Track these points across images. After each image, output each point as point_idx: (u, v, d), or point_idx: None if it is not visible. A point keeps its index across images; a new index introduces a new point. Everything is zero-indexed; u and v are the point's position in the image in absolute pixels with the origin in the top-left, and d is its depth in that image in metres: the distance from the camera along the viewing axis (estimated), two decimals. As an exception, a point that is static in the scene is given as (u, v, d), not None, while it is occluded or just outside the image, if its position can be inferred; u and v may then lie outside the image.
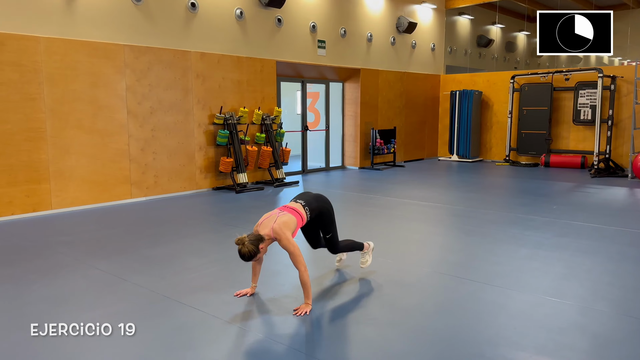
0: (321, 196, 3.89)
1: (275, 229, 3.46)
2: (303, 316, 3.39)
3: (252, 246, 3.37)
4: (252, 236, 3.42)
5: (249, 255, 3.37)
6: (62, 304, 3.66)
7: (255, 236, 3.43)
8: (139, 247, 5.12)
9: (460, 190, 8.65)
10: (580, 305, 3.60)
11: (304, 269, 3.42)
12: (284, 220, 3.52)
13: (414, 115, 13.03)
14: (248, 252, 3.36)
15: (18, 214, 6.45)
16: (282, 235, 3.43)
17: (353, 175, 10.58)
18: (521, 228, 5.83)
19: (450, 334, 3.17)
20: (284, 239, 3.43)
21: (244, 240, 3.38)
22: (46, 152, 6.64)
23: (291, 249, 3.42)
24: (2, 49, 6.16)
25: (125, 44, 7.30)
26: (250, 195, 8.11)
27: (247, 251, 3.36)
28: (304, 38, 9.96)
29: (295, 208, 3.68)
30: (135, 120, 7.51)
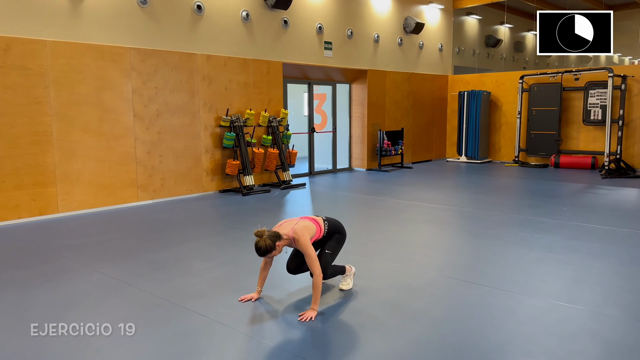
0: (339, 222, 3.91)
1: (295, 230, 3.50)
2: (308, 322, 3.33)
3: (270, 241, 3.38)
4: (271, 232, 3.44)
5: (265, 249, 3.37)
6: (65, 308, 3.63)
7: (275, 232, 3.45)
8: (144, 250, 5.09)
9: (468, 191, 8.56)
10: (591, 310, 3.51)
11: (319, 272, 3.44)
12: (305, 224, 3.60)
13: (421, 116, 12.94)
14: (265, 247, 3.37)
15: (25, 217, 6.45)
16: (302, 237, 3.47)
17: (360, 177, 10.52)
18: (531, 230, 5.74)
19: (458, 340, 3.11)
20: (303, 241, 3.47)
21: (263, 233, 3.40)
22: (52, 156, 6.64)
23: (309, 251, 3.46)
24: (8, 53, 6.17)
25: (131, 47, 7.29)
26: (256, 198, 8.08)
27: (263, 245, 3.37)
28: (311, 39, 9.92)
29: (316, 219, 3.74)
30: (141, 123, 7.50)
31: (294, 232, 3.50)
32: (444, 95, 13.63)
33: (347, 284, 3.92)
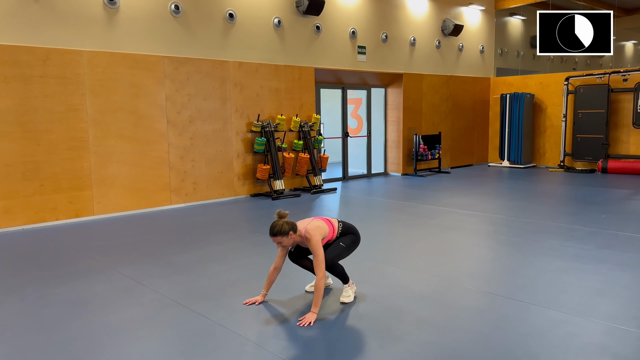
0: (356, 228, 3.88)
1: (308, 229, 3.53)
2: (306, 327, 3.32)
3: (287, 226, 3.44)
4: (291, 221, 3.51)
5: (278, 230, 3.43)
6: (79, 307, 3.77)
7: (294, 223, 3.52)
8: (167, 253, 5.22)
9: (504, 197, 8.28)
10: (607, 323, 3.31)
11: (323, 275, 3.44)
12: (317, 224, 3.61)
13: (461, 120, 12.65)
14: (279, 228, 3.43)
15: (62, 219, 6.77)
16: (313, 237, 3.48)
17: (394, 182, 10.39)
18: (561, 239, 5.48)
19: (454, 350, 3.00)
20: (314, 241, 3.47)
21: (284, 216, 3.49)
22: (88, 161, 6.94)
23: (318, 252, 3.46)
24: (48, 63, 6.51)
25: (164, 56, 7.53)
26: (286, 202, 8.13)
27: (279, 225, 3.43)
28: (344, 44, 9.91)
29: (330, 220, 3.74)
30: (174, 129, 7.72)
31: (306, 231, 3.52)
32: (485, 98, 13.27)
33: (348, 296, 3.78)
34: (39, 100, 6.46)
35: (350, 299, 3.77)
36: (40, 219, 6.59)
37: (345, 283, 3.80)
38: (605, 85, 10.94)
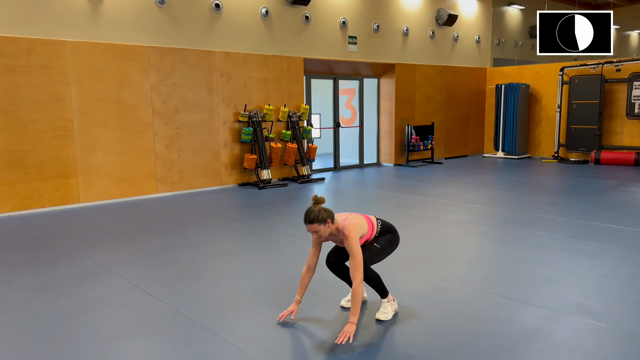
0: (394, 227, 3.44)
1: (346, 225, 3.11)
2: (346, 343, 2.89)
3: (325, 214, 3.05)
4: (328, 208, 3.12)
5: (315, 217, 3.03)
6: (42, 291, 3.90)
7: (330, 211, 3.12)
8: (141, 239, 5.34)
9: (488, 188, 8.30)
10: (547, 310, 3.36)
11: (361, 279, 3.00)
12: (356, 221, 3.19)
13: (456, 111, 12.63)
14: (316, 214, 3.03)
15: (48, 206, 6.92)
16: (351, 235, 3.06)
17: (385, 172, 10.43)
18: (531, 228, 5.52)
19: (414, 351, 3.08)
20: (352, 239, 3.05)
21: (321, 201, 3.11)
22: (73, 149, 7.07)
23: (355, 251, 3.04)
24: (32, 53, 6.63)
25: (149, 46, 7.62)
26: (272, 191, 8.22)
27: (316, 211, 3.04)
28: (334, 35, 9.93)
29: (369, 217, 3.33)
30: (160, 119, 7.82)
31: (344, 227, 3.10)
32: (481, 89, 13.22)
33: (387, 312, 3.30)
34: (23, 90, 6.60)
35: (387, 317, 3.28)
36: (26, 206, 6.75)
37: (383, 297, 3.32)
38: (599, 76, 10.86)
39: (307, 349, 2.97)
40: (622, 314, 3.30)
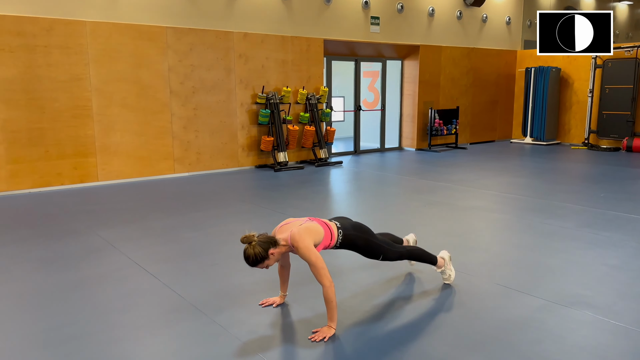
0: (361, 225, 3.19)
1: (293, 234, 2.84)
2: (319, 342, 2.78)
3: (260, 248, 2.77)
4: (263, 237, 2.83)
5: (254, 259, 2.77)
6: (46, 265, 4.01)
7: (268, 238, 2.84)
8: (149, 218, 5.43)
9: (509, 174, 8.07)
10: (544, 300, 3.25)
11: (329, 283, 2.80)
12: (308, 226, 2.92)
13: (483, 94, 12.30)
14: (253, 255, 2.76)
15: (67, 184, 7.10)
16: (301, 243, 2.80)
17: (406, 156, 10.28)
18: (544, 216, 5.34)
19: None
20: (302, 247, 2.79)
21: (251, 239, 2.79)
22: (92, 129, 7.21)
23: (312, 259, 2.78)
24: (51, 33, 6.75)
25: (167, 26, 7.66)
26: (288, 174, 8.22)
27: (252, 253, 2.76)
28: (356, 15, 9.76)
29: (327, 223, 3.05)
30: (177, 100, 7.89)
31: (292, 237, 2.84)
32: (511, 72, 12.81)
33: (448, 276, 3.50)
34: (43, 70, 6.74)
35: (451, 279, 3.51)
36: (46, 183, 6.94)
37: (434, 264, 3.44)
38: (633, 60, 10.36)
39: (295, 333, 2.96)
40: (621, 307, 3.17)
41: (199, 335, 2.87)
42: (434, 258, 3.45)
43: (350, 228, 3.11)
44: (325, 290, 2.81)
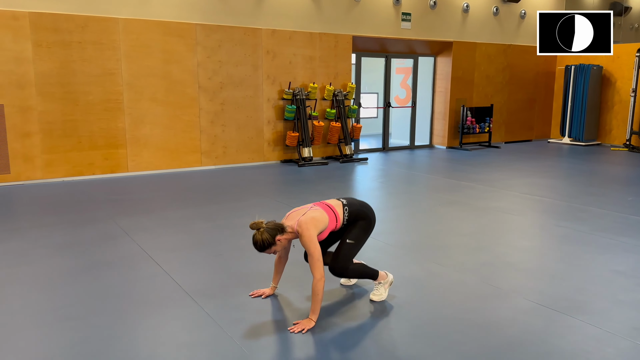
0: (367, 204, 3.28)
1: (300, 222, 2.96)
2: (297, 333, 2.84)
3: (268, 235, 2.91)
4: (271, 224, 2.98)
5: (262, 244, 2.92)
6: (62, 249, 4.25)
7: (275, 225, 2.98)
8: (167, 209, 5.63)
9: (538, 175, 7.86)
10: (530, 301, 3.20)
11: (320, 277, 2.88)
12: (313, 215, 3.01)
13: (520, 92, 11.98)
14: (261, 241, 2.91)
15: (98, 174, 7.44)
16: (306, 232, 2.93)
17: (435, 154, 10.17)
18: (560, 218, 5.21)
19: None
20: (307, 237, 2.93)
21: (260, 225, 2.94)
22: (123, 121, 7.52)
23: (312, 249, 2.92)
24: (86, 30, 7.07)
25: (197, 23, 7.87)
26: (311, 169, 8.30)
27: (260, 239, 2.90)
28: (386, 11, 9.71)
29: (331, 205, 3.13)
30: (205, 95, 8.10)
31: (299, 224, 2.97)
32: (550, 70, 12.42)
33: (380, 294, 3.27)
34: (77, 64, 7.08)
35: (381, 297, 3.26)
36: (78, 172, 7.29)
37: (374, 279, 3.26)
38: (681, 57, 9.84)
39: (277, 324, 3.04)
40: (614, 313, 3.08)
41: (186, 322, 3.00)
42: (375, 273, 3.24)
43: (357, 204, 3.22)
44: (314, 282, 2.90)
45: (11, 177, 6.85)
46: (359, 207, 3.20)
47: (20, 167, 6.89)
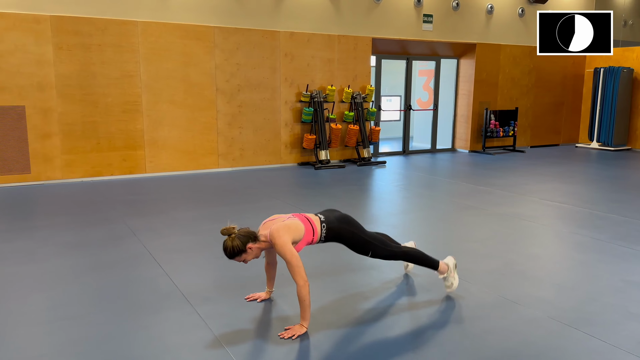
0: (348, 217, 3.16)
1: (272, 231, 2.86)
2: (287, 339, 2.78)
3: (239, 242, 2.85)
4: (244, 231, 2.91)
5: (231, 251, 2.86)
6: (69, 249, 4.30)
7: (248, 232, 2.91)
8: (177, 210, 5.66)
9: (560, 180, 7.61)
10: (526, 310, 3.07)
11: (303, 282, 2.80)
12: (287, 223, 2.92)
13: (547, 95, 11.67)
14: (230, 248, 2.85)
15: (116, 175, 7.55)
16: (278, 240, 2.81)
17: (456, 158, 9.98)
18: (577, 225, 5.02)
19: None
20: (279, 244, 2.81)
21: (231, 231, 2.87)
22: (141, 123, 7.61)
23: (287, 256, 2.79)
24: (105, 32, 7.19)
25: (215, 26, 7.92)
26: (327, 172, 8.25)
27: (230, 246, 2.84)
28: (407, 13, 9.60)
29: (310, 218, 3.05)
30: (223, 97, 8.14)
31: (271, 233, 2.86)
32: (579, 72, 12.06)
33: (451, 284, 3.29)
34: (97, 67, 7.20)
35: (452, 287, 3.30)
36: (97, 173, 7.42)
37: (435, 268, 3.26)
38: None
39: (268, 329, 2.99)
40: (623, 327, 2.92)
41: (177, 325, 2.98)
42: (435, 262, 3.30)
43: (335, 220, 3.10)
44: (298, 288, 2.82)
45: (31, 177, 7.01)
46: (337, 223, 3.09)
47: (41, 167, 7.04)
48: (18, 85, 6.77)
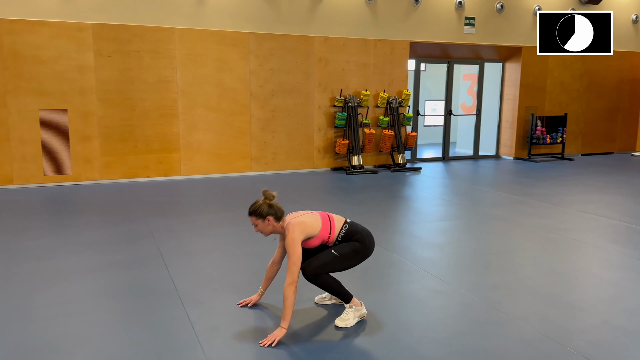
0: (369, 232, 3.14)
1: (289, 224, 2.96)
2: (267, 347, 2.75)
3: (267, 207, 2.97)
4: (277, 206, 3.03)
5: (254, 209, 2.98)
6: (87, 247, 4.46)
7: (279, 209, 3.03)
8: (200, 212, 5.76)
9: (603, 191, 7.17)
10: (518, 322, 2.88)
11: (291, 281, 2.80)
12: (304, 219, 2.98)
13: (600, 101, 11.05)
14: (257, 208, 2.97)
15: (152, 176, 7.79)
16: (290, 233, 2.90)
17: (499, 166, 9.61)
18: (609, 240, 4.70)
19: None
20: (290, 238, 2.89)
21: (269, 197, 3.03)
22: (177, 127, 7.82)
23: (291, 251, 2.87)
24: (144, 39, 7.45)
25: (250, 32, 8.03)
26: (359, 177, 8.16)
27: (259, 204, 2.98)
28: (448, 16, 9.36)
29: (332, 218, 3.08)
30: (257, 102, 8.24)
31: (287, 224, 2.96)
32: (636, 76, 11.34)
33: (347, 319, 3.01)
34: (135, 72, 7.47)
35: (347, 324, 2.99)
36: (134, 174, 7.68)
37: (346, 302, 3.06)
38: None
39: (253, 337, 2.98)
40: (615, 350, 2.69)
41: (165, 327, 3.01)
42: (347, 296, 3.04)
43: (360, 228, 3.12)
44: (285, 285, 2.83)
45: (72, 177, 7.35)
46: (360, 231, 3.10)
47: (81, 168, 7.38)
48: (61, 90, 7.13)
